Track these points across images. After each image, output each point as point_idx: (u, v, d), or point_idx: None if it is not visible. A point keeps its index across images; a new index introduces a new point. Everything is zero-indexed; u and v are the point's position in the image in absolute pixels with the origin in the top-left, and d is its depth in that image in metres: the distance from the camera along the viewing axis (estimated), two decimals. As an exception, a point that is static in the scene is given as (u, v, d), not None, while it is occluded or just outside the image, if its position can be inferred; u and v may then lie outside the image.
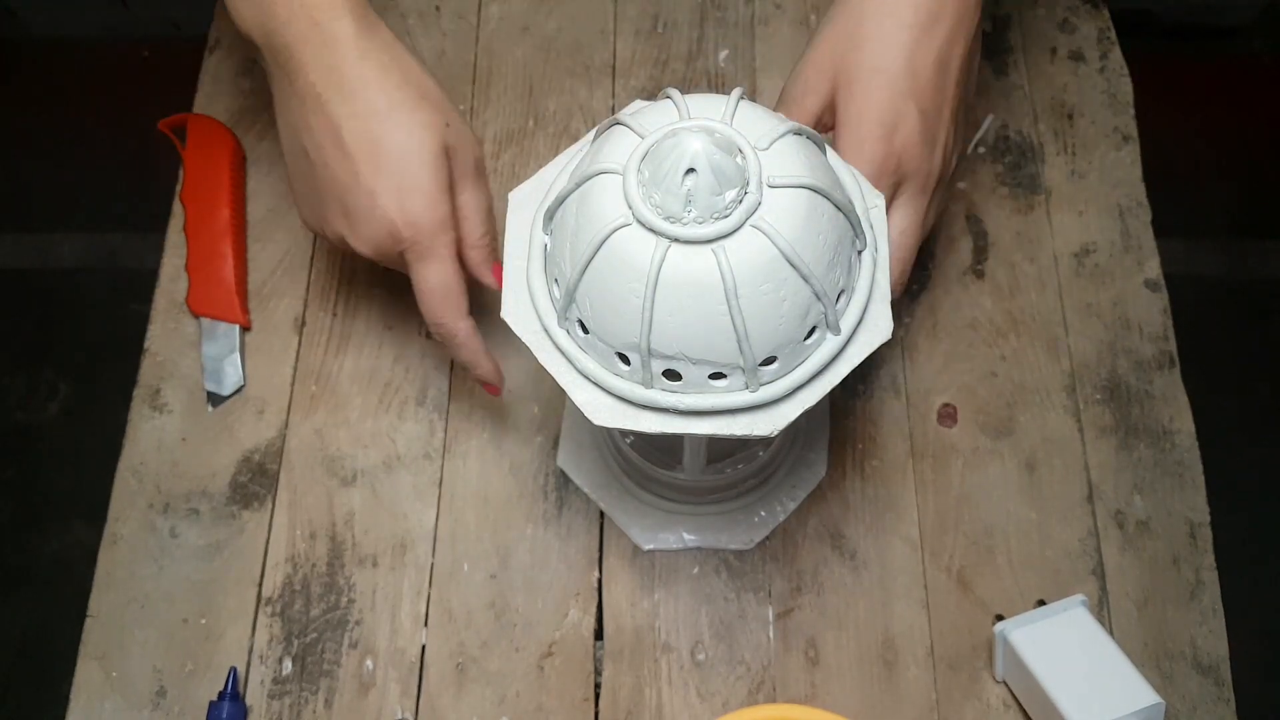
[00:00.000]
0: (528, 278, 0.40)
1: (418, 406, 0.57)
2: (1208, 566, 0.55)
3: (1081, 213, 0.62)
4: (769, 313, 0.36)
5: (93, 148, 1.16)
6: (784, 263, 0.35)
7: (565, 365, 0.40)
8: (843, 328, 0.39)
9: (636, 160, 0.36)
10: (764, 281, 0.35)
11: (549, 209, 0.39)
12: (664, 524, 0.55)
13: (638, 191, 0.35)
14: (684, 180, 0.34)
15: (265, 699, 0.51)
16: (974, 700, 0.52)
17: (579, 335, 0.39)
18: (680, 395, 0.38)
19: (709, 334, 0.36)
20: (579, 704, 0.52)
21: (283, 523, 0.55)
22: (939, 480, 0.56)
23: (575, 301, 0.38)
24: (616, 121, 0.38)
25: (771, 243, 0.35)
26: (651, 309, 0.36)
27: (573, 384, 0.40)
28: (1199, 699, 0.52)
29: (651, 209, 0.35)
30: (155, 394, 0.58)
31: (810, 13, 0.68)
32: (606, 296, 0.37)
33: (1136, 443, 0.57)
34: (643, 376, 0.38)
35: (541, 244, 0.40)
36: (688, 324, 0.36)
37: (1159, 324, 0.60)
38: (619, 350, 0.38)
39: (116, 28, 1.20)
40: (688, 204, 0.35)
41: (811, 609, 0.53)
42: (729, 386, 0.38)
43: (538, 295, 0.40)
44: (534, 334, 0.40)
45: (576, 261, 0.37)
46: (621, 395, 0.39)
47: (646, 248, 0.35)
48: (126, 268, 1.11)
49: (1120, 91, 0.66)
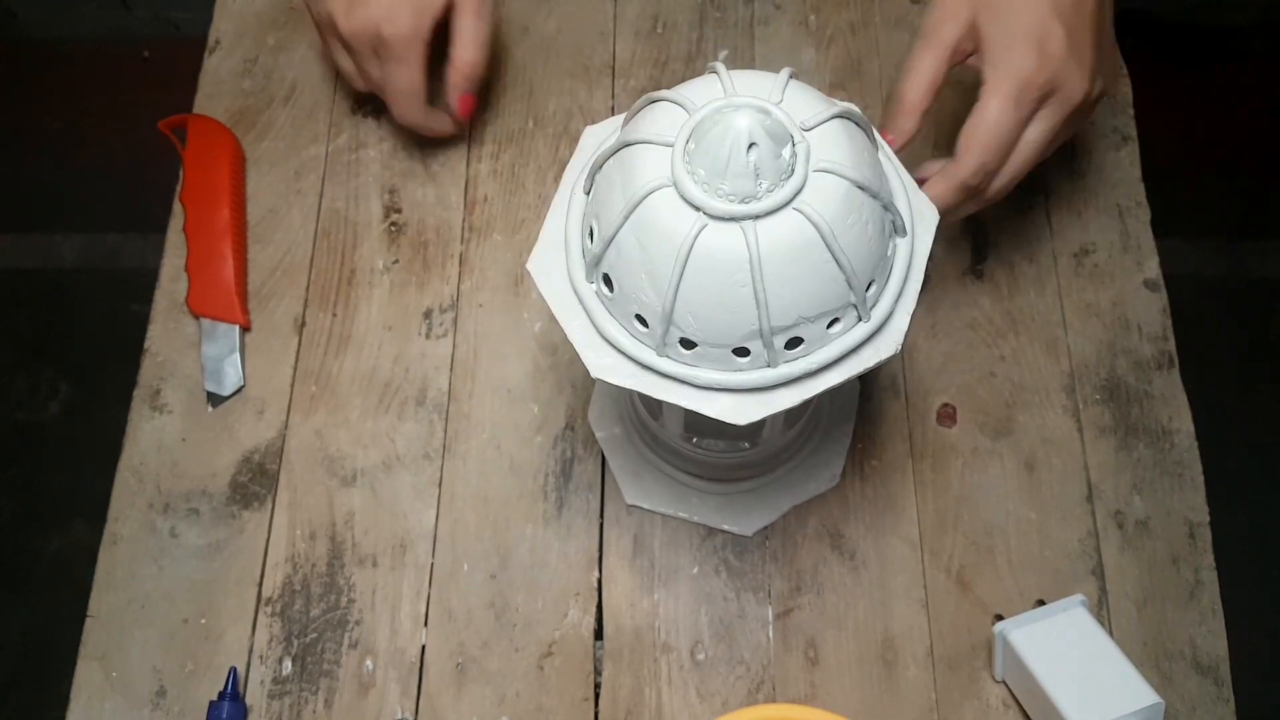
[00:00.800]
0: (565, 230, 0.41)
1: (417, 406, 0.57)
2: (1207, 566, 0.55)
3: (1080, 213, 0.62)
4: (797, 292, 0.36)
5: (93, 148, 1.16)
6: (821, 245, 0.36)
7: (582, 317, 0.40)
8: (873, 316, 0.39)
9: (686, 133, 0.36)
10: (794, 263, 0.36)
11: (594, 164, 0.40)
12: (658, 487, 0.55)
13: (683, 163, 0.35)
14: (730, 156, 0.34)
15: (265, 699, 0.52)
16: (973, 700, 0.52)
17: (603, 291, 0.39)
18: (689, 367, 0.38)
19: (733, 309, 0.36)
20: (579, 704, 0.52)
21: (283, 523, 0.55)
22: (938, 480, 0.56)
23: (606, 255, 0.38)
24: (660, 97, 0.38)
25: (812, 225, 0.35)
26: (679, 279, 0.36)
27: (585, 340, 0.40)
28: (1198, 699, 0.52)
29: (696, 182, 0.35)
30: (155, 394, 0.58)
31: (810, 13, 0.68)
32: (637, 256, 0.37)
33: (1136, 443, 0.57)
34: (657, 342, 0.38)
35: (581, 200, 0.41)
36: (713, 298, 0.36)
37: (1158, 324, 0.60)
38: (639, 312, 0.38)
39: (117, 28, 1.20)
40: (732, 180, 0.35)
41: (811, 609, 0.53)
42: (749, 364, 0.38)
43: (571, 246, 0.40)
44: (557, 290, 0.40)
45: (613, 217, 0.37)
46: (631, 355, 0.39)
47: (685, 217, 0.35)
48: (126, 268, 1.11)
49: (1119, 92, 0.66)
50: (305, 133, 0.64)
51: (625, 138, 0.38)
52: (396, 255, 0.61)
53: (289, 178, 0.63)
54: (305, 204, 0.62)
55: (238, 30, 0.67)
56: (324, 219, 0.62)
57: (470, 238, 0.62)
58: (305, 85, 0.66)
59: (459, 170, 0.63)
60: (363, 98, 0.64)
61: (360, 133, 0.64)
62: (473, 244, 0.61)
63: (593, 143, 0.43)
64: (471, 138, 0.64)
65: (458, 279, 0.61)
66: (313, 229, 0.62)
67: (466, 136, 0.64)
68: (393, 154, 0.64)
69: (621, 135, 0.39)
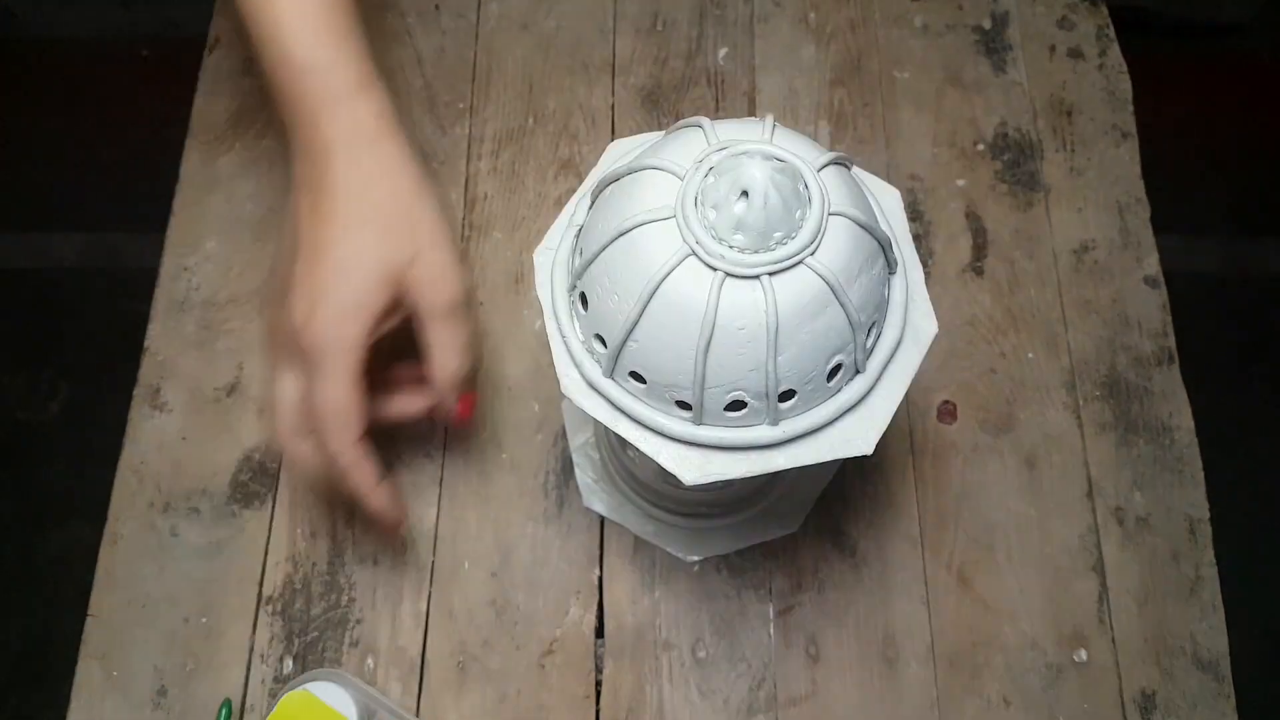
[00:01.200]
0: (564, 341, 0.39)
1: (418, 405, 0.57)
2: (1207, 562, 0.55)
3: (1080, 209, 0.62)
4: (806, 347, 0.35)
5: (92, 147, 1.16)
6: (830, 295, 0.34)
7: (630, 424, 0.38)
8: (870, 367, 0.38)
9: (692, 191, 0.34)
10: (809, 317, 0.34)
11: (578, 267, 0.38)
12: (615, 498, 0.55)
13: (696, 227, 0.34)
14: (736, 205, 0.33)
15: (266, 698, 0.52)
16: (974, 697, 0.52)
17: (634, 386, 0.37)
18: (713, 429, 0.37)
19: (744, 365, 0.35)
20: (580, 702, 0.52)
21: (283, 522, 0.55)
22: (939, 477, 0.56)
23: (624, 353, 0.36)
24: (645, 166, 0.36)
25: (820, 276, 0.34)
26: (708, 346, 0.34)
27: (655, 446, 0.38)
28: (1199, 695, 0.52)
29: (712, 240, 0.34)
30: (155, 393, 0.58)
31: (809, 10, 0.68)
32: (662, 342, 0.35)
33: (1136, 439, 0.57)
34: (696, 416, 0.37)
35: (568, 304, 0.39)
36: (732, 355, 0.35)
37: (1158, 320, 0.60)
38: (679, 399, 0.36)
39: (116, 28, 1.20)
40: (744, 232, 0.33)
41: (812, 606, 0.53)
42: (743, 420, 0.37)
43: (578, 356, 0.39)
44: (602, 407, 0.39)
45: (626, 313, 0.35)
46: (679, 437, 0.38)
47: (702, 283, 0.34)
48: (126, 267, 1.11)
49: (1119, 88, 0.66)
50: (305, 131, 0.64)
51: (618, 225, 0.36)
52: (396, 254, 0.61)
53: (289, 176, 0.63)
54: (305, 203, 0.62)
55: (237, 28, 0.67)
56: (324, 217, 0.62)
57: (470, 235, 0.62)
58: (304, 84, 0.65)
59: (458, 168, 0.63)
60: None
61: (360, 131, 0.64)
62: (473, 242, 0.61)
63: (614, 156, 0.42)
64: (471, 135, 0.64)
65: (458, 277, 0.60)
66: (312, 228, 0.62)
67: (467, 140, 0.64)
68: (392, 152, 0.64)
69: (605, 224, 0.37)
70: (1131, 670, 0.52)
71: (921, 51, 0.67)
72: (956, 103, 0.66)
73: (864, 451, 0.38)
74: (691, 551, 0.54)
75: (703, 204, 0.34)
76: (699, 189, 0.34)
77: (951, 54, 0.67)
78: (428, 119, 0.64)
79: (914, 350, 0.39)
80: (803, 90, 0.66)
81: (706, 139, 0.36)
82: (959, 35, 0.68)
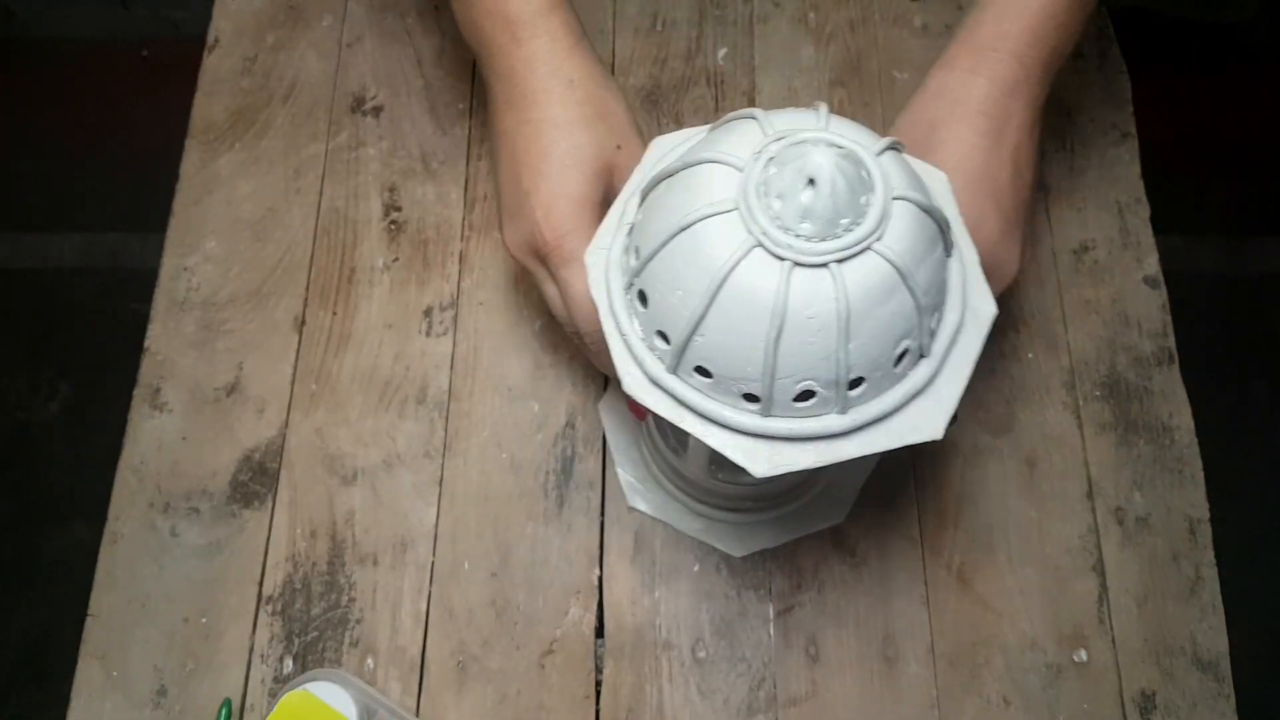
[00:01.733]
0: (623, 340, 0.39)
1: (418, 405, 0.57)
2: (1207, 562, 0.55)
3: (1080, 209, 0.62)
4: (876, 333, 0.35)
5: (93, 148, 1.16)
6: (898, 279, 0.34)
7: (696, 418, 0.38)
8: (934, 351, 0.38)
9: (754, 182, 0.34)
10: (878, 302, 0.34)
11: (635, 265, 0.38)
12: (659, 496, 0.55)
13: (761, 218, 0.34)
14: (803, 194, 0.33)
15: (266, 697, 0.52)
16: (974, 696, 0.52)
17: (699, 381, 0.37)
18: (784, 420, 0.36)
19: (818, 355, 0.35)
20: (580, 702, 0.52)
21: (283, 521, 0.55)
22: (939, 477, 0.56)
23: (690, 348, 0.36)
24: (701, 159, 0.36)
25: (888, 261, 0.34)
26: (778, 337, 0.34)
27: (722, 440, 0.37)
28: (1199, 695, 0.52)
29: (778, 230, 0.33)
30: (155, 393, 0.58)
31: (809, 10, 0.68)
32: (730, 336, 0.35)
33: (1136, 439, 0.57)
34: (764, 407, 0.36)
35: (625, 303, 0.39)
36: (804, 346, 0.34)
37: (1158, 320, 0.60)
38: (746, 391, 0.36)
39: (116, 28, 1.20)
40: (811, 220, 0.33)
41: (812, 606, 0.53)
42: (812, 409, 0.36)
43: (638, 353, 0.38)
44: (666, 403, 0.38)
45: (691, 308, 0.35)
46: (746, 430, 0.37)
47: (770, 274, 0.33)
48: (126, 268, 1.11)
49: (1118, 88, 0.66)
50: (305, 131, 0.64)
51: (679, 220, 0.36)
52: (397, 253, 0.61)
53: (289, 176, 0.63)
54: (305, 202, 0.62)
55: (237, 29, 0.67)
56: (324, 217, 0.62)
57: (470, 235, 0.62)
58: (304, 84, 0.66)
59: (459, 168, 0.63)
60: (363, 98, 0.64)
61: (360, 131, 0.64)
62: (473, 242, 0.61)
63: (658, 154, 0.42)
64: (471, 135, 0.64)
65: (458, 277, 0.61)
66: (313, 227, 0.62)
67: (467, 140, 0.64)
68: (392, 152, 0.64)
69: (666, 220, 0.37)
70: (1131, 670, 0.52)
71: (921, 52, 0.67)
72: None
73: (934, 436, 0.37)
74: (739, 547, 0.54)
75: (766, 194, 0.34)
76: (761, 179, 0.34)
77: (951, 54, 0.67)
78: (428, 119, 0.64)
79: (974, 332, 0.39)
80: (802, 90, 0.66)
81: (762, 130, 0.36)
82: (959, 35, 0.67)
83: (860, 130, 0.37)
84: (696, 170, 0.36)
